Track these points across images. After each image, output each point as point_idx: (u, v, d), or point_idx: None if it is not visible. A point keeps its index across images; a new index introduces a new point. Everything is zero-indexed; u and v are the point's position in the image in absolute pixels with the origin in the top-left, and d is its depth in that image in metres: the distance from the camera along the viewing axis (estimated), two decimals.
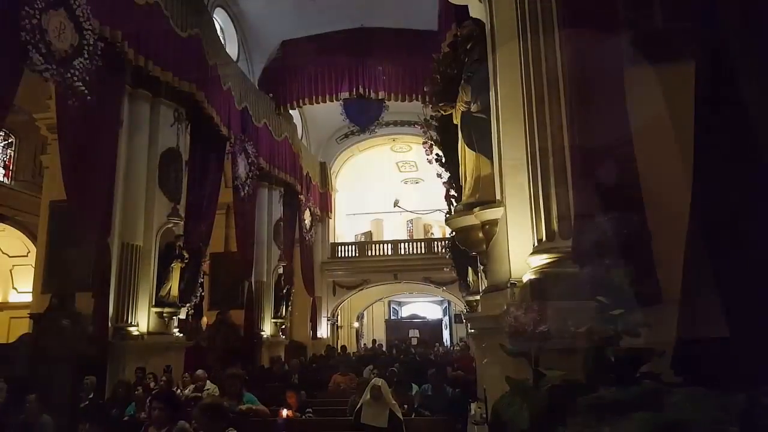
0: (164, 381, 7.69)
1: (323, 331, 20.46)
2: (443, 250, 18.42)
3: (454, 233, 4.53)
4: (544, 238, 2.83)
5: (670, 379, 1.62)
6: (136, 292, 9.24)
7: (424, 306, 31.41)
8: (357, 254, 22.65)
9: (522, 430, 1.43)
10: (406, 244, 23.44)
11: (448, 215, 4.28)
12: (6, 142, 15.50)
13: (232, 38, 14.81)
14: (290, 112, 16.87)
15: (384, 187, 24.68)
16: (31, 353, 8.47)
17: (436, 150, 4.73)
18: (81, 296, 8.98)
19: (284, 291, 15.94)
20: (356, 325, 25.90)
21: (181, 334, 10.38)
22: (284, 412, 5.70)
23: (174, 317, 10.08)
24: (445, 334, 28.95)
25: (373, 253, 22.77)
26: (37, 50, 6.80)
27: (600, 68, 2.63)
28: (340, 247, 22.81)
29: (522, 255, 2.96)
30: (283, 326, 16.12)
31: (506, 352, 1.63)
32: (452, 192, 4.64)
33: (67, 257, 9.29)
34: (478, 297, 8.00)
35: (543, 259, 2.77)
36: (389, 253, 22.65)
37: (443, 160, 4.51)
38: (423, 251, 22.39)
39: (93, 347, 8.47)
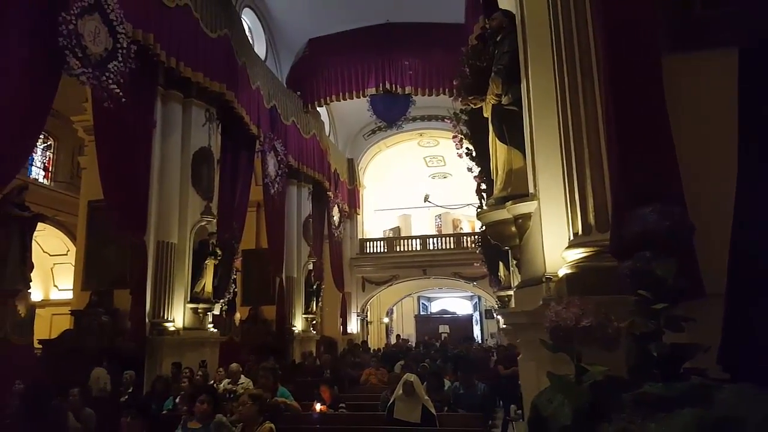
0: (200, 376, 7.85)
1: (353, 326, 20.59)
2: (473, 245, 18.31)
3: (484, 228, 4.48)
4: (580, 232, 2.78)
5: (716, 375, 1.58)
6: (171, 288, 9.45)
7: (453, 301, 31.28)
8: (385, 250, 22.71)
9: (564, 426, 1.41)
10: (435, 239, 23.37)
11: (479, 210, 4.24)
12: (45, 144, 16.04)
13: (260, 37, 14.97)
14: (317, 109, 16.98)
15: (411, 182, 24.65)
16: (73, 348, 8.78)
17: (465, 144, 4.69)
18: (119, 293, 9.28)
19: (314, 287, 16.10)
20: (386, 320, 25.98)
21: (216, 330, 10.58)
22: (318, 407, 5.75)
23: (208, 313, 10.28)
24: (476, 329, 28.77)
25: (402, 249, 22.79)
26: (74, 54, 7.00)
27: (636, 57, 2.56)
28: (368, 243, 22.88)
29: (557, 249, 2.91)
30: (314, 322, 16.28)
31: (547, 347, 1.61)
32: (483, 186, 4.60)
33: (106, 255, 9.60)
34: (510, 292, 7.92)
35: (579, 252, 2.72)
36: (418, 248, 22.63)
37: (473, 154, 4.46)
38: (452, 246, 22.30)
39: (131, 343, 8.72)
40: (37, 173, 15.78)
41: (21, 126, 6.83)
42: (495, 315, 21.80)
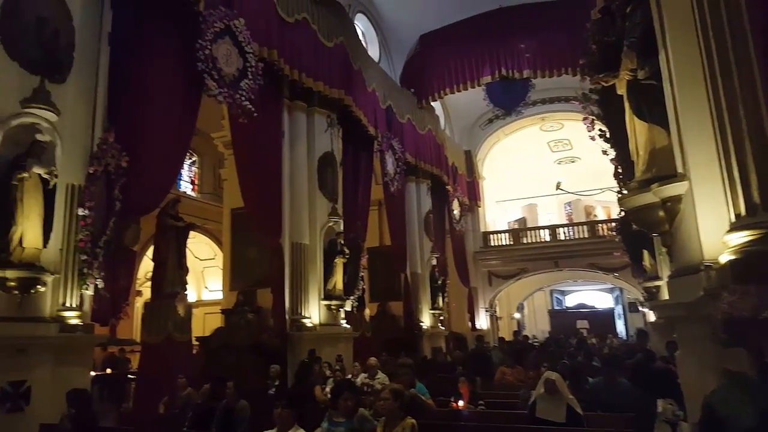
0: (338, 370, 8.20)
1: (482, 322, 20.31)
2: (610, 233, 17.14)
3: (624, 213, 4.16)
4: (743, 213, 2.47)
5: None
6: (306, 286, 10.01)
7: (591, 294, 29.50)
8: (511, 242, 22.06)
9: (749, 428, 1.25)
10: (567, 228, 22.23)
11: (619, 195, 3.94)
12: (191, 160, 17.82)
13: (373, 40, 15.34)
14: (432, 104, 16.96)
15: (535, 169, 23.71)
16: (224, 344, 9.64)
17: (598, 125, 4.38)
18: (262, 292, 10.05)
19: (439, 282, 16.10)
20: (517, 315, 25.20)
21: (349, 326, 11.02)
22: (459, 403, 5.70)
23: (341, 309, 10.74)
24: (619, 324, 26.80)
25: (530, 240, 22.01)
26: (211, 77, 7.70)
27: None
28: (492, 235, 22.40)
29: (716, 233, 2.61)
30: (441, 317, 16.29)
31: (718, 342, 1.44)
32: (620, 169, 4.26)
33: (248, 258, 10.45)
34: (658, 282, 7.27)
35: (744, 236, 2.41)
36: (547, 239, 21.71)
37: (608, 136, 4.15)
38: (586, 235, 21.07)
39: (275, 338, 9.37)
40: (185, 187, 17.58)
41: (172, 146, 7.67)
42: (641, 308, 20.20)
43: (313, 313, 10.11)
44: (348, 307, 11.15)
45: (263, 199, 9.43)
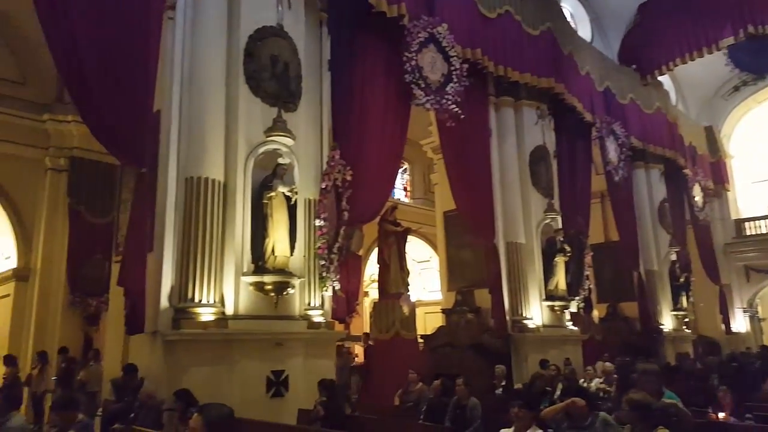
0: (556, 371, 7.77)
1: (739, 324, 17.27)
2: None
3: None
4: None
5: None
6: (525, 287, 9.72)
7: None
8: None
9: None
10: None
11: None
12: (403, 168, 18.85)
13: (584, 20, 14.35)
14: (658, 79, 15.03)
15: None
16: (447, 342, 9.92)
17: None
18: (479, 292, 10.12)
19: (681, 280, 14.15)
20: None
21: (575, 328, 10.37)
22: (719, 415, 4.94)
23: (565, 311, 10.18)
24: None
25: None
26: (418, 86, 8.04)
27: None
28: (747, 223, 18.93)
29: None
30: (687, 320, 14.29)
31: None
32: None
33: (463, 258, 10.63)
34: None
35: None
36: None
37: None
38: None
39: (496, 339, 9.30)
40: (399, 194, 18.65)
41: (388, 157, 8.18)
42: None
43: (535, 314, 9.76)
44: (573, 308, 10.54)
45: (474, 200, 9.46)
